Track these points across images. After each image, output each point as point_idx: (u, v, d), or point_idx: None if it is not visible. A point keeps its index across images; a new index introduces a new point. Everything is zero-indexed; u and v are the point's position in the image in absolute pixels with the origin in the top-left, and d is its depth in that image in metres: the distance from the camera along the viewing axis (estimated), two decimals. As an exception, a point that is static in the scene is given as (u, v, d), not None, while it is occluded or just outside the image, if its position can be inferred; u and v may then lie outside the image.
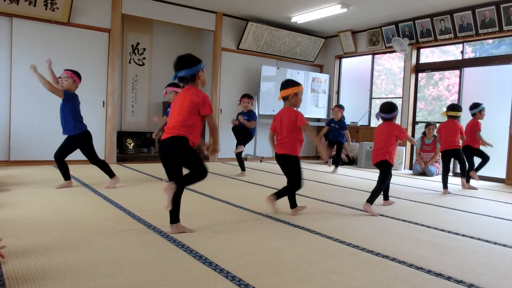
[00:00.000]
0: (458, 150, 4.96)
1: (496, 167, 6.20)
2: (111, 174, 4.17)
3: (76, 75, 4.06)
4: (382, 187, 3.65)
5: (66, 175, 4.07)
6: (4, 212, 2.98)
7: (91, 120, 5.17)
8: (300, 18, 7.21)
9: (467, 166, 5.30)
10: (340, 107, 6.72)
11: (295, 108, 3.32)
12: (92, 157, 4.09)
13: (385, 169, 3.67)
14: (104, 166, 4.16)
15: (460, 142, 5.00)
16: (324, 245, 2.56)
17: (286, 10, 6.93)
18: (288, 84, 3.33)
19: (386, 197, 3.99)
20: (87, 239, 2.42)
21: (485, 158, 5.34)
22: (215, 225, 2.88)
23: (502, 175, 6.20)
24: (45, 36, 5.70)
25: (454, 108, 5.04)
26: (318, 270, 2.10)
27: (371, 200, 3.51)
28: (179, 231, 2.64)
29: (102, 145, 6.17)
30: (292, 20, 7.39)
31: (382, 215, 3.49)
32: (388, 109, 3.75)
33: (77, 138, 4.01)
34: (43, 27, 5.68)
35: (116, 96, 6.34)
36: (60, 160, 4.03)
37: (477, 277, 2.10)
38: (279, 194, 3.28)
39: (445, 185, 4.87)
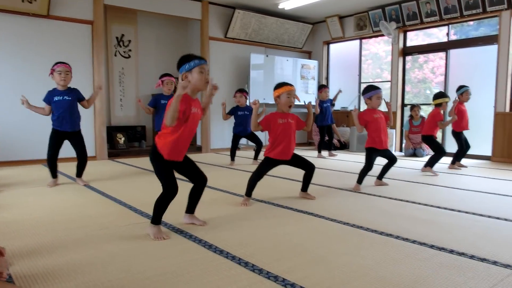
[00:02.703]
0: (424, 137, 5.09)
1: (482, 145, 6.35)
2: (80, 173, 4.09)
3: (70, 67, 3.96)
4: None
5: (55, 173, 4.00)
6: (1, 214, 2.91)
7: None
8: (287, 4, 7.17)
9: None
10: (327, 86, 6.82)
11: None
12: (86, 152, 4.03)
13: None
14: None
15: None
16: (330, 227, 2.60)
17: (273, -3, 6.89)
18: (274, 87, 3.27)
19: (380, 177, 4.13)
20: (92, 236, 2.40)
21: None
22: (219, 215, 2.90)
23: (488, 152, 6.36)
24: (24, 30, 5.50)
25: (433, 97, 5.10)
26: (328, 252, 2.14)
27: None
28: (191, 222, 2.64)
29: (92, 141, 6.08)
30: (279, 7, 7.35)
31: (380, 196, 3.56)
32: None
33: (79, 133, 3.98)
34: (21, 20, 5.46)
35: (103, 90, 6.23)
36: (56, 159, 3.96)
37: (477, 250, 2.18)
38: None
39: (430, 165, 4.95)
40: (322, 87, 6.76)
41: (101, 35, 6.15)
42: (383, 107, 4.08)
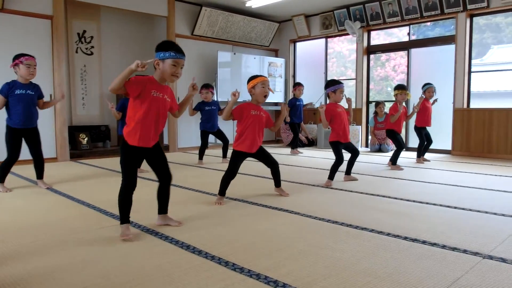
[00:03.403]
0: (386, 131, 5.25)
1: (443, 140, 6.64)
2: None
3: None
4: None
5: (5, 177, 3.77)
6: None
7: (39, 115, 4.76)
8: (254, 2, 7.16)
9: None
10: (302, 85, 6.88)
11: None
12: (41, 150, 3.83)
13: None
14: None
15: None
16: (305, 223, 2.62)
17: (240, -6, 6.86)
18: (248, 80, 3.29)
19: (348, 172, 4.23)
20: (61, 241, 2.28)
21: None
22: (193, 215, 2.85)
23: (448, 147, 6.66)
24: (-25, 24, 5.17)
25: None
26: (307, 246, 2.15)
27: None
28: (165, 223, 2.57)
29: (53, 141, 5.82)
30: (246, 5, 7.33)
31: (351, 191, 3.63)
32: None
33: (36, 129, 3.76)
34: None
35: (64, 88, 5.97)
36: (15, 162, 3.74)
37: (447, 239, 2.27)
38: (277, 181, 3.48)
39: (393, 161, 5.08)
40: (297, 85, 6.83)
41: (62, 31, 5.88)
42: (343, 103, 4.17)
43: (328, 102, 4.16)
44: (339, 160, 4.00)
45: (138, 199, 2.52)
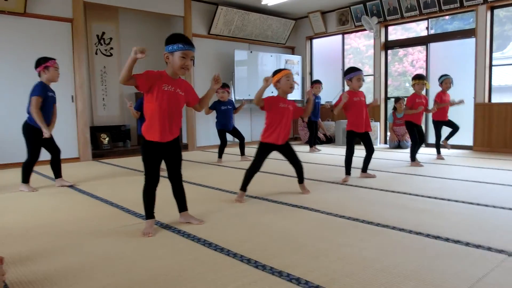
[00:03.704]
0: (405, 123, 5.09)
1: (464, 135, 6.51)
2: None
3: None
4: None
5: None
6: None
7: (61, 116, 4.86)
8: (270, 0, 7.16)
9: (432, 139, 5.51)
10: (320, 82, 6.85)
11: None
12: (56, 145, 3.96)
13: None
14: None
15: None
16: (326, 220, 2.63)
17: (256, -8, 6.87)
18: (272, 74, 3.33)
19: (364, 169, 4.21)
20: (85, 239, 2.34)
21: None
22: (214, 213, 2.88)
23: (470, 142, 6.54)
24: (0, 29, 5.31)
25: None
26: (328, 244, 2.16)
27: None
28: (186, 221, 2.62)
29: (75, 142, 5.96)
30: (262, 3, 7.33)
31: (371, 188, 3.61)
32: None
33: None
34: (-4, 18, 5.26)
35: (85, 89, 6.10)
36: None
37: (471, 236, 2.25)
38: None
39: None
40: (314, 83, 6.82)
41: (82, 33, 6.01)
42: (366, 93, 4.13)
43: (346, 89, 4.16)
44: (349, 152, 4.02)
45: (161, 197, 2.56)
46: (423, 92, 5.00)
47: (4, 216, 2.93)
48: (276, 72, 3.30)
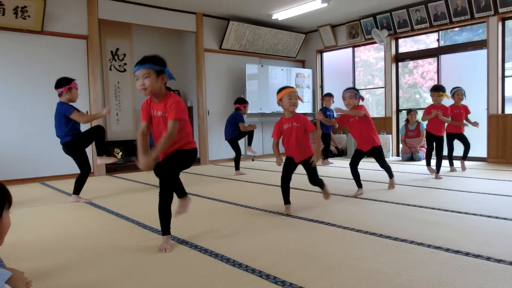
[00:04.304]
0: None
1: (478, 147, 6.44)
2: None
3: None
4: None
5: None
6: (7, 236, 2.85)
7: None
8: (280, 14, 7.26)
9: (449, 151, 5.45)
10: (331, 95, 6.90)
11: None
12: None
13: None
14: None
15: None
16: (341, 235, 2.62)
17: (267, 7, 6.96)
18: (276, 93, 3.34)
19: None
20: (103, 254, 2.36)
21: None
22: (229, 227, 2.89)
23: (484, 154, 6.47)
24: (18, 47, 5.45)
25: None
26: (345, 259, 2.15)
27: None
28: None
29: (89, 156, 6.00)
30: (273, 17, 7.43)
31: (386, 201, 3.58)
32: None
33: None
34: (15, 37, 5.41)
35: (99, 105, 6.21)
36: None
37: (491, 250, 2.22)
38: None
39: (432, 165, 5.04)
40: (326, 95, 6.88)
41: (96, 49, 6.14)
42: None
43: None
44: (351, 164, 4.07)
45: (174, 212, 2.58)
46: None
47: (22, 231, 2.96)
48: (279, 91, 3.28)
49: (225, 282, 1.90)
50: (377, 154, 4.07)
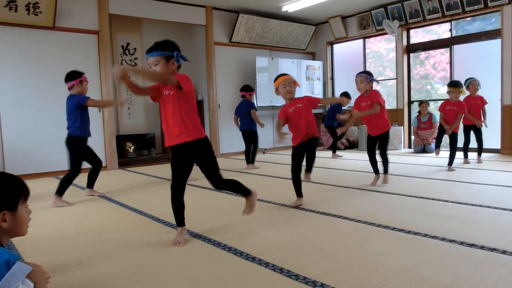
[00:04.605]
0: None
1: (492, 139, 6.35)
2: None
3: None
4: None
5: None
6: None
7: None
8: (290, 6, 7.20)
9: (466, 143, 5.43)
10: (349, 97, 6.81)
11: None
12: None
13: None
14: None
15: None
16: (356, 228, 2.61)
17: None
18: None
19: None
20: (118, 248, 2.39)
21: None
22: (243, 222, 2.89)
23: (498, 145, 6.38)
24: (30, 43, 5.50)
25: None
26: (360, 253, 2.15)
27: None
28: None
29: (102, 151, 6.09)
30: (282, 9, 7.38)
31: (398, 194, 3.56)
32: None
33: None
34: (27, 33, 5.46)
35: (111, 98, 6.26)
36: None
37: (507, 244, 2.19)
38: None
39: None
40: (343, 95, 6.81)
41: (107, 44, 6.17)
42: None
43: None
44: (367, 151, 4.07)
45: (192, 206, 2.60)
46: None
47: (37, 225, 3.00)
48: (274, 81, 3.32)
49: (239, 275, 1.91)
50: (383, 140, 4.00)
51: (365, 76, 3.91)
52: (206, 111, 7.65)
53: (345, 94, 6.80)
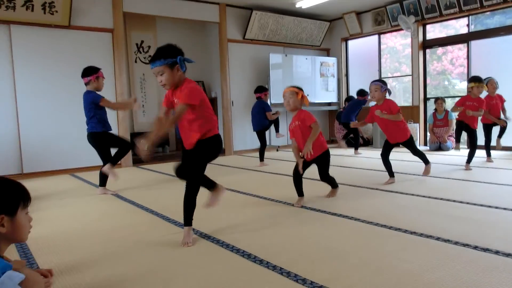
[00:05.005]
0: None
1: (508, 136, 6.15)
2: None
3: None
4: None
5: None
6: (35, 229, 2.89)
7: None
8: (304, 2, 7.13)
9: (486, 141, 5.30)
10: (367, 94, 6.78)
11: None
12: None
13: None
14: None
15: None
16: (366, 229, 2.58)
17: (290, -4, 6.86)
18: None
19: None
20: (128, 248, 2.40)
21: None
22: (252, 221, 2.89)
23: (515, 143, 6.21)
24: (47, 41, 5.59)
25: None
26: (369, 255, 2.12)
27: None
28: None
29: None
30: (296, 6, 7.32)
31: (412, 194, 3.50)
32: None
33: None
34: (44, 32, 5.55)
35: (125, 97, 6.31)
36: None
37: (524, 250, 2.12)
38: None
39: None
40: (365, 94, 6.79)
41: (122, 42, 6.22)
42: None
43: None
44: (381, 155, 4.09)
45: (199, 205, 2.60)
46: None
47: (49, 224, 3.06)
48: None
49: (246, 279, 1.90)
50: (408, 145, 4.08)
51: (380, 85, 3.92)
52: (219, 108, 7.66)
53: (361, 92, 6.73)
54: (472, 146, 4.74)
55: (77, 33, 5.84)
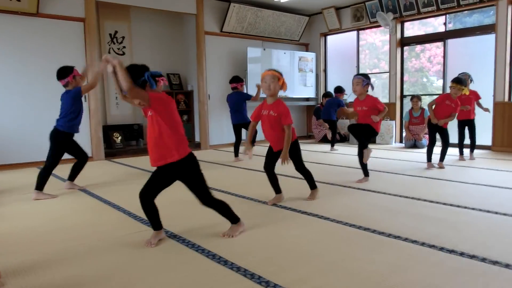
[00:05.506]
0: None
1: (483, 135, 6.29)
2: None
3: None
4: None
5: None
6: None
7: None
8: (283, -4, 7.06)
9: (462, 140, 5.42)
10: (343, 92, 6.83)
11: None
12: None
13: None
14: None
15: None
16: (337, 230, 2.55)
17: (269, -11, 6.77)
18: None
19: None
20: (90, 248, 2.32)
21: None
22: (223, 221, 2.79)
23: (489, 142, 6.33)
24: (13, 29, 5.32)
25: None
26: (337, 257, 2.08)
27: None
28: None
29: (88, 141, 5.98)
30: (275, -1, 7.24)
31: (384, 193, 3.50)
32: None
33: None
34: (10, 19, 5.28)
35: (98, 88, 6.13)
36: None
37: (488, 250, 2.13)
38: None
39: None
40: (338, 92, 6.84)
41: (94, 32, 6.01)
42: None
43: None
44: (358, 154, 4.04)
45: (171, 204, 2.52)
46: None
47: (11, 221, 2.92)
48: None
49: (209, 281, 1.84)
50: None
51: (362, 79, 3.89)
52: (196, 102, 7.53)
53: (339, 89, 6.75)
54: (445, 144, 4.77)
55: (46, 21, 5.60)
